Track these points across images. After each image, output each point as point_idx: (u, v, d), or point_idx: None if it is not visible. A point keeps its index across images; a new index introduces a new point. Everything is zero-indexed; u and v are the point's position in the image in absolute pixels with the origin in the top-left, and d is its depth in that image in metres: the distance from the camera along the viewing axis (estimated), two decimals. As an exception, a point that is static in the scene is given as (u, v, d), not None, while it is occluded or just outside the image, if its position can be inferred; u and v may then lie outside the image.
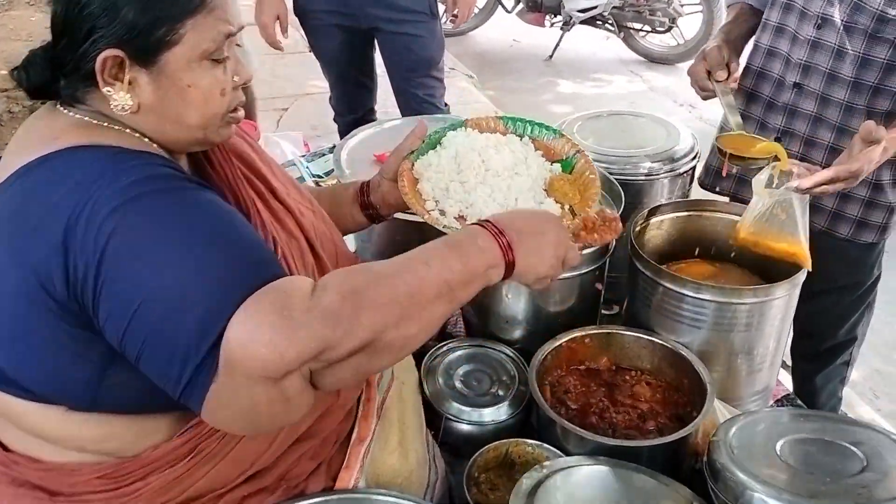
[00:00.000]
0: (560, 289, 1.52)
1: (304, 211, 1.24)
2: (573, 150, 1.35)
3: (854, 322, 1.89)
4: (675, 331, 1.48)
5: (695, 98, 6.00)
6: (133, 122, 1.01)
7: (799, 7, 1.68)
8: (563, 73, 5.84)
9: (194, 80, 1.00)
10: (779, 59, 1.75)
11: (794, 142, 1.75)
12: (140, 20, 0.94)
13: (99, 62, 0.95)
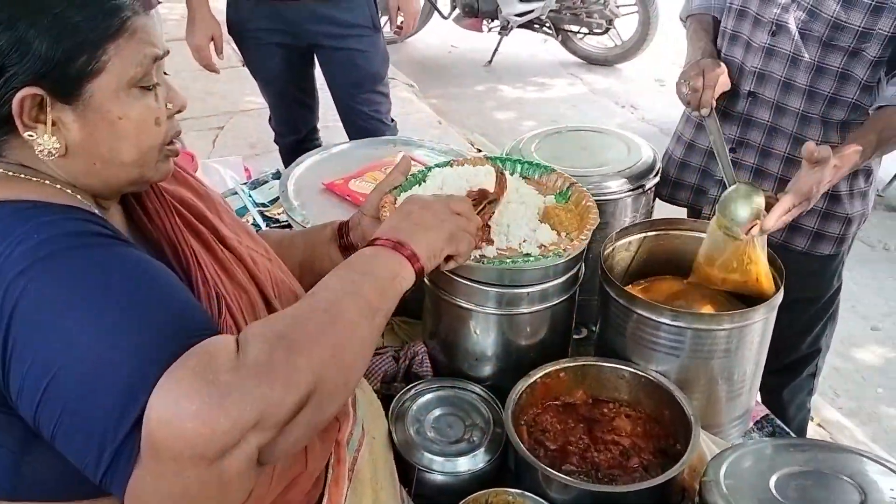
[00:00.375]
0: (531, 321, 1.44)
1: (258, 258, 1.14)
2: (567, 183, 1.39)
3: (817, 334, 1.86)
4: (651, 359, 1.42)
5: (636, 99, 6.07)
6: (61, 168, 0.91)
7: (753, 14, 1.64)
8: (503, 78, 5.81)
9: (124, 110, 0.91)
10: (733, 67, 1.71)
11: (750, 152, 1.71)
12: (56, 51, 0.85)
13: (15, 104, 0.85)
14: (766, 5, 1.63)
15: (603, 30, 5.78)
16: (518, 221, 1.27)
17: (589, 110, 5.29)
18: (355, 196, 1.75)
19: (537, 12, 5.64)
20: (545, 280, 1.40)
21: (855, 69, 1.56)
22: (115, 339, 0.79)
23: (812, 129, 1.65)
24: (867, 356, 3.07)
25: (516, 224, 1.27)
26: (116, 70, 0.89)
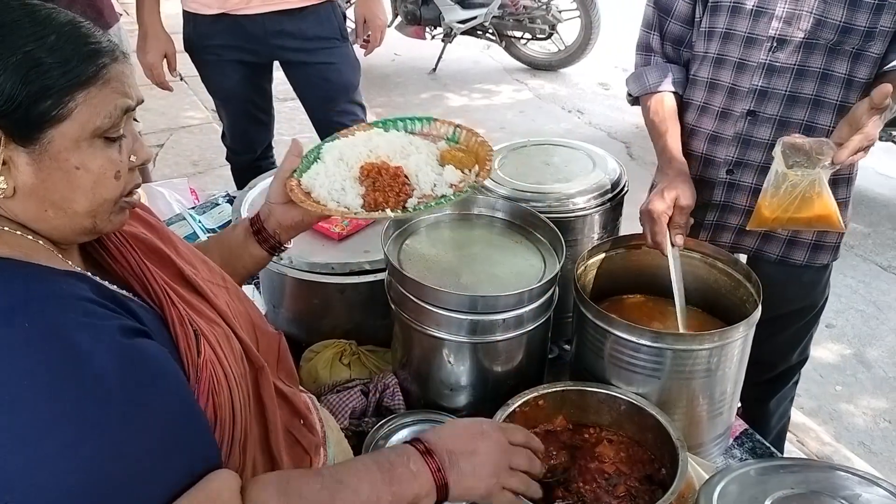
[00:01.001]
0: (507, 348, 1.39)
1: (217, 291, 1.08)
2: (452, 128, 1.41)
3: (806, 343, 1.86)
4: (631, 381, 1.38)
5: (582, 104, 6.09)
6: (8, 210, 0.85)
7: (742, 34, 1.58)
8: (448, 85, 5.77)
9: (83, 161, 0.86)
10: (720, 90, 1.65)
11: (748, 172, 1.66)
12: (20, 92, 0.80)
13: None
14: (759, 23, 1.58)
15: (546, 35, 5.79)
16: (423, 169, 1.29)
17: (536, 116, 5.29)
18: (314, 220, 1.67)
19: (480, 19, 5.62)
20: (519, 306, 1.35)
21: (859, 72, 1.55)
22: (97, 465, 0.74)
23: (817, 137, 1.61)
24: (824, 354, 3.11)
25: (423, 172, 1.28)
26: (82, 119, 0.84)
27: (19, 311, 0.77)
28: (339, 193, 1.25)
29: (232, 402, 0.94)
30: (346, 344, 1.59)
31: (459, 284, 1.38)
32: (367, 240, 1.66)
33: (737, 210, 1.71)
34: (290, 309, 1.68)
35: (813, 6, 1.50)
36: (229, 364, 0.96)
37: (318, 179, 1.27)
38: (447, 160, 1.32)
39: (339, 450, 1.25)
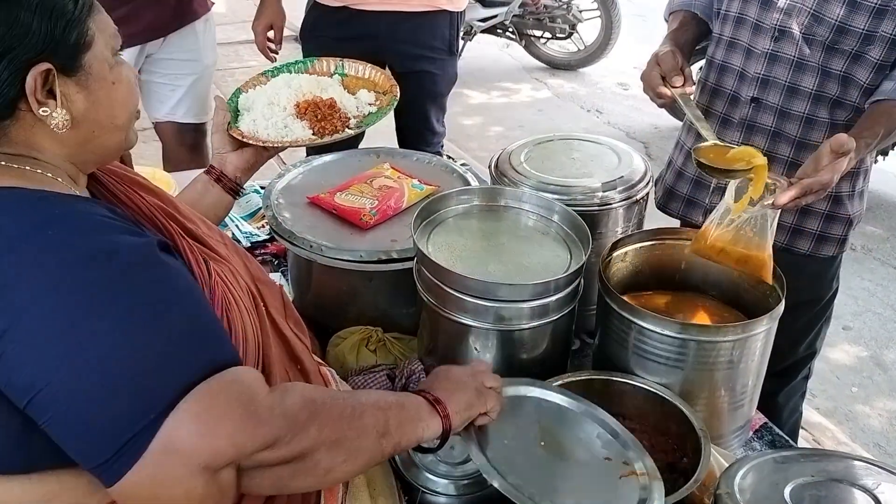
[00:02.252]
0: (532, 337, 1.42)
1: (216, 245, 1.16)
2: (334, 63, 1.68)
3: (814, 336, 1.88)
4: (654, 371, 1.41)
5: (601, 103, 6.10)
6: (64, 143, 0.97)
7: (752, 20, 1.64)
8: (468, 83, 5.79)
9: (117, 75, 1.00)
10: (732, 74, 1.71)
11: None
12: (54, 29, 0.92)
13: (30, 80, 0.90)
14: (766, 11, 1.62)
15: (566, 34, 5.81)
16: (342, 97, 1.56)
17: (555, 115, 5.31)
18: (342, 209, 1.71)
19: (500, 17, 5.64)
20: (545, 295, 1.38)
21: (857, 73, 1.57)
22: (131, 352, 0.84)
23: (816, 133, 1.64)
24: (840, 356, 3.12)
25: (344, 99, 1.55)
26: (101, 41, 0.97)
27: (47, 225, 0.87)
28: (286, 131, 1.48)
29: (243, 321, 1.04)
30: (372, 330, 1.62)
31: (487, 273, 1.41)
32: (395, 229, 1.68)
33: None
34: (318, 296, 1.71)
35: (812, 2, 1.54)
36: (238, 294, 1.06)
37: (259, 124, 1.48)
38: (354, 87, 1.61)
39: None
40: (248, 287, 1.12)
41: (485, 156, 2.84)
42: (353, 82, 1.64)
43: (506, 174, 1.71)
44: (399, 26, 2.47)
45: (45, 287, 0.83)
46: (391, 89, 1.61)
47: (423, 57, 2.53)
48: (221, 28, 6.40)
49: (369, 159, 1.98)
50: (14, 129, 0.94)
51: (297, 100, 1.54)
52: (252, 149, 1.46)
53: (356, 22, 2.46)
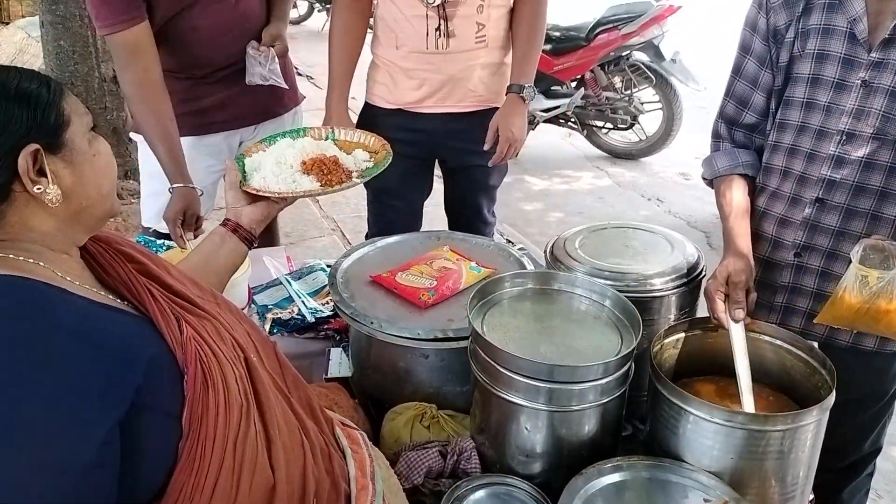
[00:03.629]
0: (582, 419, 1.45)
1: (206, 304, 1.22)
2: (325, 131, 1.89)
3: (879, 432, 1.85)
4: (703, 459, 1.41)
5: (662, 192, 6.11)
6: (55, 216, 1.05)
7: (815, 127, 1.68)
8: (529, 170, 5.93)
9: (97, 147, 1.11)
10: (792, 177, 1.74)
11: (815, 255, 1.72)
12: (34, 113, 1.02)
13: (22, 162, 0.99)
14: (831, 117, 1.66)
15: (627, 125, 5.92)
16: (344, 160, 1.74)
17: (615, 202, 5.37)
18: (402, 288, 1.79)
19: (563, 108, 5.80)
20: (596, 377, 1.42)
21: None
22: None
23: (882, 228, 1.67)
24: (908, 456, 3.00)
25: (343, 158, 1.74)
26: (76, 117, 1.08)
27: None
28: (295, 185, 1.64)
29: (223, 372, 1.08)
30: (426, 407, 1.67)
31: (539, 354, 1.46)
32: (452, 309, 1.75)
33: (805, 293, 1.76)
34: (376, 371, 1.78)
35: (882, 104, 1.58)
36: (219, 347, 1.11)
37: (270, 180, 1.65)
38: (349, 148, 1.81)
39: (387, 486, 1.33)
40: (234, 342, 1.17)
41: (544, 241, 2.89)
42: (347, 145, 1.83)
43: (560, 259, 1.77)
44: (453, 125, 2.53)
45: None
46: (383, 148, 1.81)
47: (475, 152, 2.55)
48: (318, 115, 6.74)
49: (430, 242, 2.08)
50: (10, 211, 1.02)
51: (302, 158, 1.71)
52: (265, 202, 1.62)
53: (411, 122, 2.53)
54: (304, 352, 2.04)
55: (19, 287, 0.97)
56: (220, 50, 2.46)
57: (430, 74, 2.43)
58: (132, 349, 1.00)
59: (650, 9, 5.51)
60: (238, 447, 1.06)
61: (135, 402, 0.96)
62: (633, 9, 5.60)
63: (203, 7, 2.35)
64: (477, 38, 2.41)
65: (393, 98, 2.52)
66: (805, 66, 1.67)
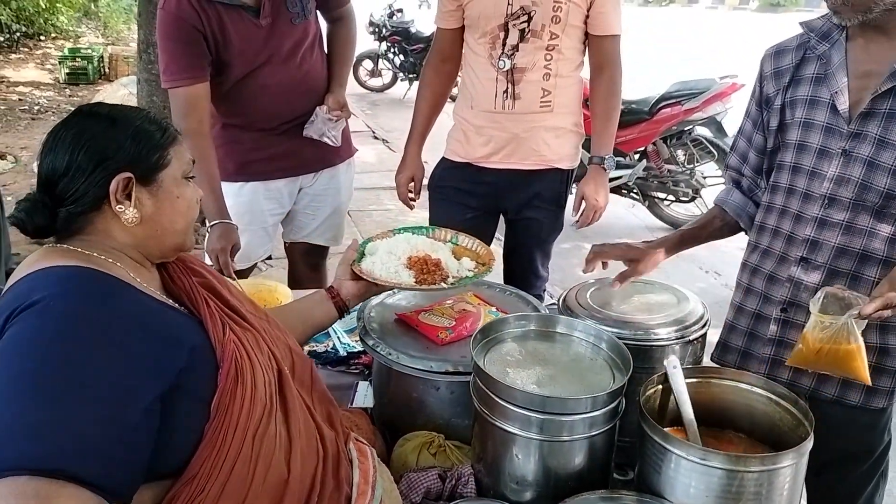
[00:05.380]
0: (571, 449, 1.54)
1: (256, 321, 1.45)
2: (450, 234, 2.11)
3: (870, 493, 1.86)
4: (685, 498, 1.48)
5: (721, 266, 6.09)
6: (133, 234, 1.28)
7: (801, 191, 1.81)
8: (589, 237, 6.01)
9: (181, 192, 1.33)
10: (781, 237, 1.86)
11: (801, 312, 1.81)
12: (141, 150, 1.27)
13: (114, 184, 1.23)
14: (814, 181, 1.79)
15: (689, 198, 5.98)
16: (448, 260, 1.95)
17: (672, 273, 5.39)
18: (423, 325, 1.93)
19: (625, 179, 5.91)
20: (586, 410, 1.52)
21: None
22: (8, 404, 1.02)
23: (863, 288, 1.75)
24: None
25: (449, 262, 1.95)
26: (176, 165, 1.32)
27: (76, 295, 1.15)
28: (395, 275, 1.88)
29: (254, 375, 1.27)
30: (435, 436, 1.79)
31: (533, 387, 1.57)
32: (466, 348, 1.88)
33: (791, 346, 1.84)
34: (393, 400, 1.91)
35: (860, 173, 1.67)
36: (255, 354, 1.31)
37: (376, 266, 1.90)
38: (460, 254, 2.01)
39: (388, 497, 1.47)
40: (271, 354, 1.39)
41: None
42: (461, 251, 2.05)
43: (570, 307, 1.90)
44: (515, 180, 2.75)
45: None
46: (489, 262, 1.98)
47: (534, 206, 2.78)
48: (368, 175, 7.07)
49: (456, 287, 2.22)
50: (97, 218, 1.26)
51: (410, 254, 1.93)
52: (366, 283, 1.86)
53: (478, 176, 2.78)
54: (336, 384, 2.18)
55: (96, 277, 1.20)
56: (286, 105, 2.73)
57: (497, 132, 2.69)
58: (180, 338, 1.23)
59: (713, 85, 5.63)
60: (257, 440, 1.24)
61: (176, 381, 1.17)
62: (696, 85, 5.73)
63: (273, 67, 2.63)
64: (542, 102, 2.64)
65: (464, 152, 2.79)
66: (793, 133, 1.80)
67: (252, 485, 1.22)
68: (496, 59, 2.60)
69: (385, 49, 11.35)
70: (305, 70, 2.73)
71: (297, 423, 1.36)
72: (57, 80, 10.80)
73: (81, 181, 1.23)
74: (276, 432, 1.29)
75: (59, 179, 1.24)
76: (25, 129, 8.15)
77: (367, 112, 10.27)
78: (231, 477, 1.20)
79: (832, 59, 1.78)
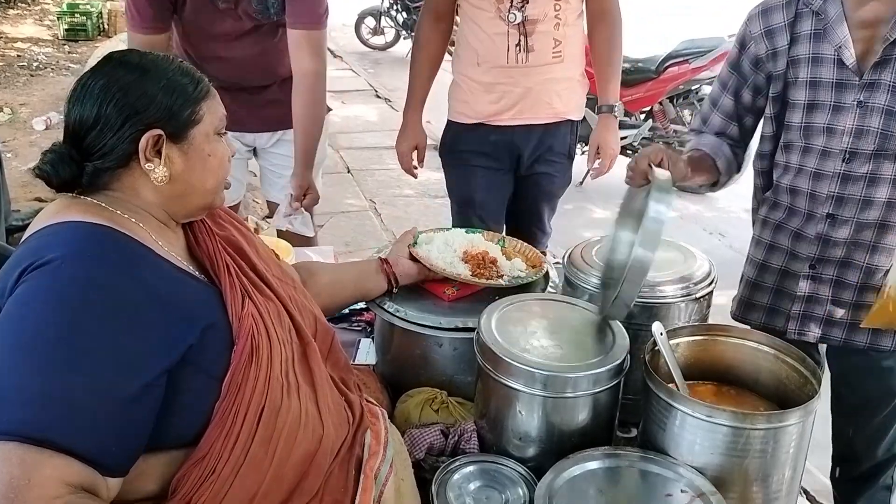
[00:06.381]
0: (573, 407, 1.53)
1: (282, 284, 1.40)
2: (498, 238, 2.10)
3: (891, 439, 1.87)
4: (688, 455, 1.47)
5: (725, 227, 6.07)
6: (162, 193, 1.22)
7: (819, 148, 1.78)
8: (593, 198, 5.98)
9: (213, 149, 1.26)
10: (802, 195, 1.84)
11: (829, 266, 1.83)
12: (173, 105, 1.19)
13: (143, 141, 1.17)
14: (832, 138, 1.76)
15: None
16: (501, 261, 1.95)
17: (675, 234, 5.28)
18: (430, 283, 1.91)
19: (630, 139, 5.85)
20: (590, 368, 1.50)
21: None
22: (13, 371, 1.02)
23: (890, 235, 1.77)
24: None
25: (503, 263, 1.95)
26: (209, 121, 1.24)
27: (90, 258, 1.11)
28: (451, 266, 1.87)
29: (270, 351, 1.21)
30: (438, 392, 1.78)
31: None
32: (471, 306, 1.86)
33: (822, 301, 1.85)
34: (397, 357, 1.90)
35: (879, 123, 1.64)
36: (275, 327, 1.25)
37: (433, 253, 1.91)
38: (511, 255, 2.02)
39: (398, 457, 1.47)
40: (292, 326, 1.33)
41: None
42: (510, 252, 2.05)
43: (575, 265, 1.88)
44: (528, 136, 2.69)
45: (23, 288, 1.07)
46: (540, 265, 1.99)
47: (545, 161, 2.74)
48: (371, 134, 7.01)
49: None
50: (125, 175, 1.20)
51: (466, 248, 1.95)
52: (420, 266, 1.85)
53: (491, 134, 2.70)
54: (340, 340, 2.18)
55: (116, 240, 1.14)
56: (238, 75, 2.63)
57: (510, 87, 2.61)
58: (194, 312, 1.17)
59: (722, 44, 5.53)
60: (279, 421, 1.20)
61: (185, 357, 1.13)
62: (704, 43, 5.64)
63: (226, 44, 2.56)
64: (554, 53, 2.58)
65: (473, 112, 2.70)
66: (800, 93, 1.78)
67: (273, 465, 1.19)
68: (505, 13, 2.52)
69: (387, 6, 11.16)
70: (262, 48, 2.62)
71: (326, 396, 1.33)
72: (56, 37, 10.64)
73: (110, 136, 1.16)
74: (301, 410, 1.25)
75: (87, 133, 1.17)
76: (24, 85, 8.06)
77: (370, 71, 10.15)
78: (247, 459, 1.16)
79: (828, 12, 1.74)
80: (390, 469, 1.40)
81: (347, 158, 6.33)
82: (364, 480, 1.33)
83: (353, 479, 1.33)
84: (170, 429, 1.13)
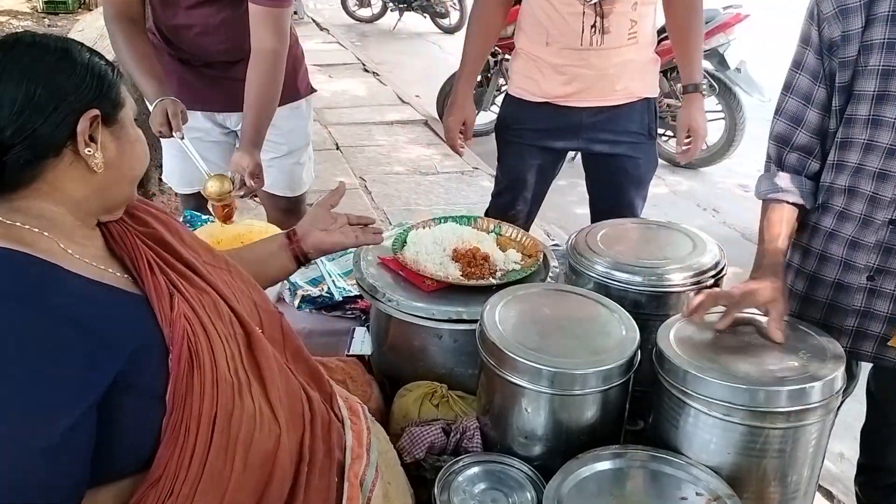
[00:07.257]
0: (582, 404, 1.46)
1: (214, 271, 1.28)
2: (492, 224, 2.05)
3: None
4: (702, 453, 1.41)
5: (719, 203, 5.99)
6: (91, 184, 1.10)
7: (885, 146, 1.58)
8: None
9: (137, 134, 1.17)
10: (862, 197, 1.65)
11: (890, 279, 1.64)
12: (101, 84, 1.09)
13: (83, 123, 1.05)
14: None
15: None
16: (494, 252, 1.89)
17: (669, 210, 5.30)
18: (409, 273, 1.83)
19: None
20: (598, 364, 1.43)
21: None
22: None
23: None
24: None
25: (495, 254, 1.89)
26: (129, 103, 1.15)
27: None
28: (441, 267, 1.82)
29: (213, 353, 1.10)
30: (437, 386, 1.71)
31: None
32: (470, 296, 1.78)
33: (878, 317, 1.67)
34: (392, 349, 1.83)
35: None
36: (213, 323, 1.14)
37: (421, 256, 1.85)
38: (505, 245, 1.95)
39: (383, 459, 1.38)
40: (232, 316, 1.20)
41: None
42: (506, 242, 1.97)
43: (581, 253, 1.80)
44: (599, 118, 2.52)
45: None
46: (536, 253, 1.90)
47: (622, 142, 2.56)
48: (359, 109, 6.87)
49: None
50: (48, 169, 1.05)
51: (456, 246, 1.88)
52: (339, 236, 1.66)
53: (556, 115, 2.54)
54: (332, 329, 2.10)
55: (18, 264, 0.99)
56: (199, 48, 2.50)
57: (583, 70, 2.44)
58: (118, 336, 1.02)
59: (717, 16, 5.43)
60: (233, 425, 1.09)
61: (116, 382, 0.99)
62: (699, 16, 5.52)
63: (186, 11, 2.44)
64: (629, 34, 2.42)
65: (541, 91, 2.53)
66: (869, 84, 1.57)
67: (233, 474, 1.08)
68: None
69: (374, -23, 10.96)
70: (223, 18, 2.50)
71: (277, 390, 1.20)
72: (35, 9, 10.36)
73: (39, 121, 1.03)
74: (255, 409, 1.13)
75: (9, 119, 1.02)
76: (2, 60, 7.84)
77: (357, 44, 9.95)
78: (204, 473, 1.05)
79: None
80: (376, 473, 1.31)
81: (336, 135, 6.20)
82: (349, 489, 1.24)
83: (336, 488, 1.24)
84: (117, 458, 1.02)
